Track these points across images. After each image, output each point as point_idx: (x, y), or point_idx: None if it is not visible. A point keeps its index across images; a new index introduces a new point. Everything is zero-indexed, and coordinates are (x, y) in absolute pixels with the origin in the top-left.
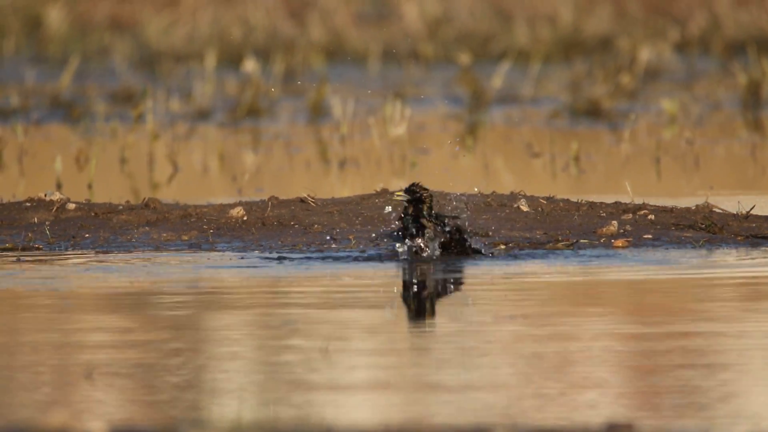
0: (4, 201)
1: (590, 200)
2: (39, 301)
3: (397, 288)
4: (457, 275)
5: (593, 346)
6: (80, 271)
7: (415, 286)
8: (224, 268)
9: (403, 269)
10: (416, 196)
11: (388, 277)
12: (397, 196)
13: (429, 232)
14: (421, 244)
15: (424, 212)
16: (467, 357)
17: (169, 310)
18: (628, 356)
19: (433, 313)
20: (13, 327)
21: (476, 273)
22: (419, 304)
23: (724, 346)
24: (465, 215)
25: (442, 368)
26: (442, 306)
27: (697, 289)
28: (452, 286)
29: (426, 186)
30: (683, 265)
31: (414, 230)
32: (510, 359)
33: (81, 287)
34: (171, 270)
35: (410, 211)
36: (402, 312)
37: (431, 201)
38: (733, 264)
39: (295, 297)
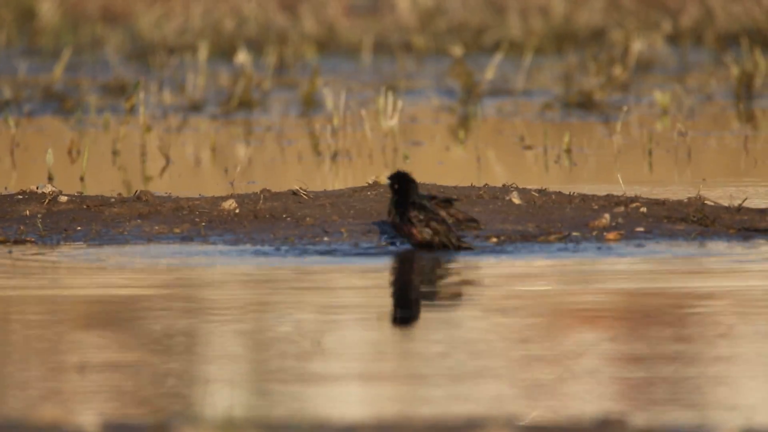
0: None
1: (582, 193)
2: (31, 296)
3: (388, 283)
4: (450, 270)
5: (584, 342)
6: (82, 262)
7: (406, 281)
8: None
9: (394, 264)
10: (402, 181)
11: (378, 271)
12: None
13: (427, 204)
14: (419, 216)
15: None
16: (458, 352)
17: (163, 305)
18: (619, 350)
19: (425, 310)
20: (4, 324)
21: (469, 266)
22: (410, 300)
23: (717, 340)
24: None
25: (435, 364)
26: (434, 302)
27: (688, 284)
28: (444, 282)
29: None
30: (676, 259)
31: (403, 211)
32: (501, 354)
33: (87, 282)
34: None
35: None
36: (394, 308)
37: (416, 185)
38: (726, 258)
39: (288, 291)
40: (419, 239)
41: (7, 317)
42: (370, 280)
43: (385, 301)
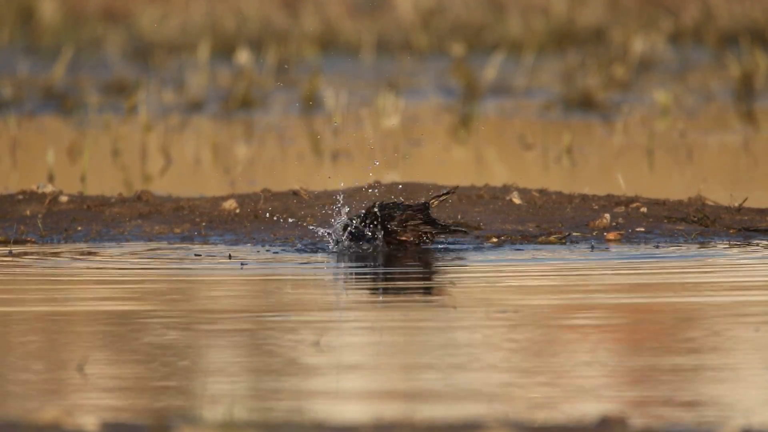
0: None
1: (583, 193)
2: (31, 299)
3: (384, 286)
4: (448, 271)
5: (585, 342)
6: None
7: (400, 283)
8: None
9: (388, 266)
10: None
11: (374, 274)
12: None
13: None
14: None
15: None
16: (457, 353)
17: (162, 304)
18: (619, 351)
19: (420, 312)
20: (3, 321)
21: (468, 267)
22: (404, 303)
23: (716, 342)
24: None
25: (433, 365)
26: (432, 302)
27: (687, 284)
28: (442, 283)
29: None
30: (675, 259)
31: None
32: (501, 354)
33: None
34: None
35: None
36: (389, 307)
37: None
38: (726, 258)
39: (287, 289)
40: (404, 240)
41: (7, 318)
42: (365, 283)
43: (381, 302)
